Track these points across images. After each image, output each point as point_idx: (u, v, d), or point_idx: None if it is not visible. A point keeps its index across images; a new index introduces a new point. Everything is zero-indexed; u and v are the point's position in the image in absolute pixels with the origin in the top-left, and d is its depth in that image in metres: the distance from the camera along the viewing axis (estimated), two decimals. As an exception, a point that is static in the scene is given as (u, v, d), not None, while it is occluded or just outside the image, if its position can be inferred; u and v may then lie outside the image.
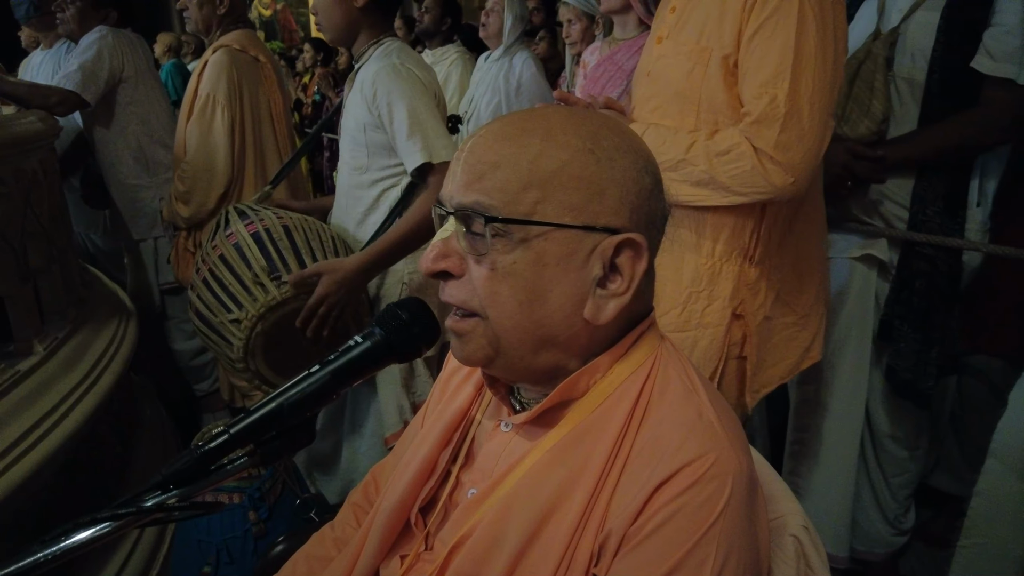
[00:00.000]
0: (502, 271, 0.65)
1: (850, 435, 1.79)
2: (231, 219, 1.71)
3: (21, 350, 1.54)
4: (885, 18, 1.63)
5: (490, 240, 0.64)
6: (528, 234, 0.64)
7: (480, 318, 0.67)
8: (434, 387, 0.92)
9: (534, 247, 0.64)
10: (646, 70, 1.34)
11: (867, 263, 1.71)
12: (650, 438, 0.66)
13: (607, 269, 0.66)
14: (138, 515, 0.54)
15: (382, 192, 1.73)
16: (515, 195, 0.64)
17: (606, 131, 0.68)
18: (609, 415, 0.68)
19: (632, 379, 0.69)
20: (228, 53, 2.18)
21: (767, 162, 1.13)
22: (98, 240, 3.07)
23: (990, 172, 1.61)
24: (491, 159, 0.66)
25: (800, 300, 1.35)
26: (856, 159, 1.54)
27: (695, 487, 0.61)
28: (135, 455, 1.88)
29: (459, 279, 0.68)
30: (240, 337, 1.55)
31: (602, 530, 0.64)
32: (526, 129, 0.67)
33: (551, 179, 0.64)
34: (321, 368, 0.64)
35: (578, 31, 2.75)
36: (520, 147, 0.66)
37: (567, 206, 0.65)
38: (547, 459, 0.69)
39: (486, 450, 0.77)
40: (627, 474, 0.65)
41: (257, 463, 0.61)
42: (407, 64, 1.65)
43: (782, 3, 1.12)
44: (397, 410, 1.78)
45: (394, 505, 0.79)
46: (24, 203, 1.59)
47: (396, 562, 0.79)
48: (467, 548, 0.69)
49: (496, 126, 0.69)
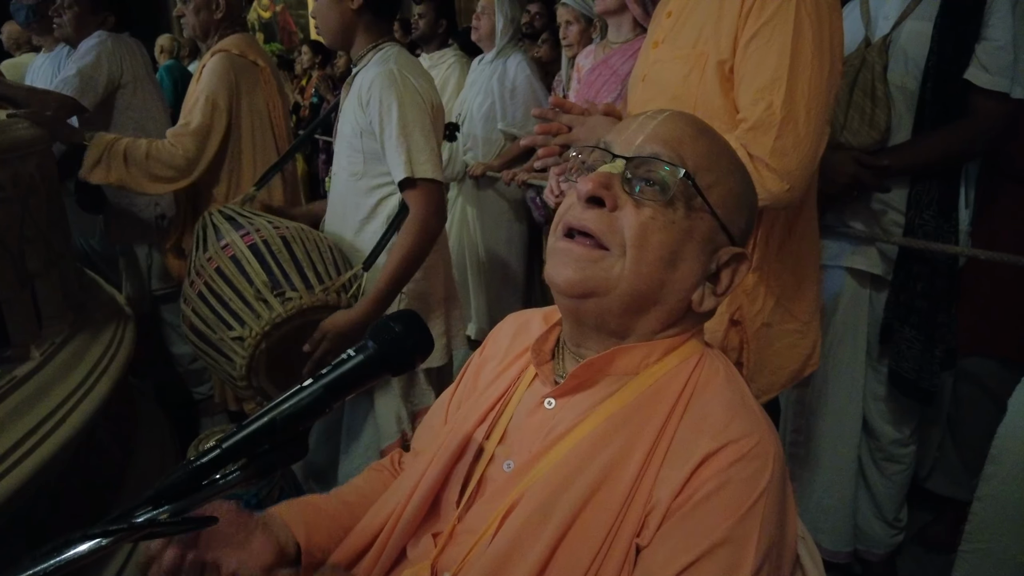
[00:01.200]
0: (662, 222, 0.71)
1: (849, 435, 1.81)
2: (221, 227, 1.66)
3: (18, 355, 1.53)
4: (873, 26, 1.66)
5: (668, 192, 0.71)
6: (694, 205, 0.72)
7: (610, 253, 0.71)
8: (462, 375, 0.95)
9: (692, 219, 0.72)
10: (642, 75, 1.34)
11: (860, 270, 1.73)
12: (697, 416, 0.71)
13: (717, 270, 0.75)
14: (130, 531, 0.54)
15: (380, 200, 1.72)
16: (703, 168, 0.73)
17: (742, 158, 0.84)
18: (660, 395, 0.73)
19: (682, 366, 0.75)
20: (227, 58, 2.18)
21: (763, 169, 1.13)
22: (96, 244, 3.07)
23: (971, 177, 1.70)
24: (692, 132, 0.75)
25: (801, 307, 1.35)
26: (862, 168, 1.58)
27: (740, 463, 0.65)
28: (134, 460, 1.87)
29: (606, 211, 0.72)
30: (243, 355, 1.51)
31: (649, 501, 0.67)
32: (707, 128, 0.79)
33: (725, 174, 0.75)
34: (314, 382, 0.64)
35: (575, 33, 2.75)
36: (709, 138, 0.77)
37: (726, 203, 0.74)
38: (599, 432, 0.72)
39: (527, 426, 0.79)
40: (674, 448, 0.69)
41: (250, 477, 0.60)
42: (405, 72, 1.63)
43: (779, 9, 1.12)
44: (395, 420, 1.76)
45: (429, 487, 0.80)
46: (22, 207, 1.58)
47: (427, 540, 0.79)
48: (514, 518, 0.71)
49: (682, 114, 0.78)
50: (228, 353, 1.55)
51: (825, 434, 1.82)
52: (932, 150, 1.59)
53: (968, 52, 1.53)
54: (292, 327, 1.53)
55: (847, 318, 1.75)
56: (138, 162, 2.07)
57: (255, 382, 1.55)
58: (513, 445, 0.79)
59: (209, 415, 2.83)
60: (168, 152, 2.11)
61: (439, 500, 0.81)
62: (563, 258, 0.73)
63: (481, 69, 3.17)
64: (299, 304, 1.51)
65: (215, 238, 1.65)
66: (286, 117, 2.43)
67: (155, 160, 2.09)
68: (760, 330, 1.31)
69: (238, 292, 1.53)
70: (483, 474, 0.79)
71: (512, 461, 0.77)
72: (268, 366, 1.54)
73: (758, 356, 1.32)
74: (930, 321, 1.66)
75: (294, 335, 1.55)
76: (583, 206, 0.73)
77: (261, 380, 1.55)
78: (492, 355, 0.91)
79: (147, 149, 2.08)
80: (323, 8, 1.68)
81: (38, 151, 1.71)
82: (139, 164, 2.07)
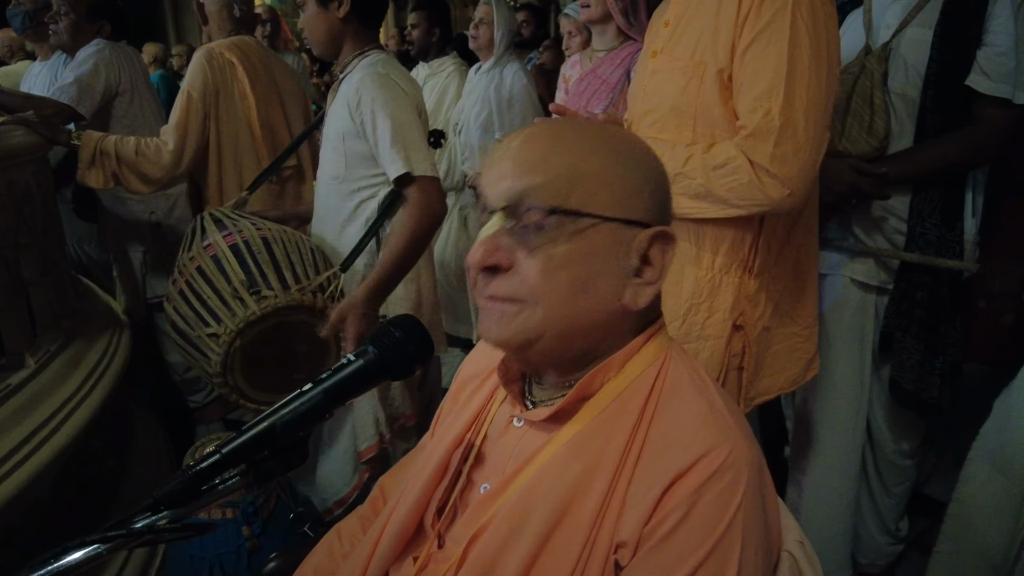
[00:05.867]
0: (557, 261, 0.68)
1: (853, 451, 1.78)
2: (207, 228, 1.69)
3: (12, 363, 1.53)
4: (874, 33, 1.64)
5: (549, 231, 0.68)
6: (580, 226, 0.68)
7: (525, 304, 0.69)
8: (444, 400, 0.94)
9: (586, 238, 0.69)
10: (641, 85, 1.35)
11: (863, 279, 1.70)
12: (665, 429, 0.68)
13: (641, 260, 0.71)
14: (128, 537, 0.53)
15: (360, 203, 1.73)
16: (568, 188, 0.69)
17: (629, 137, 0.78)
18: (623, 409, 0.71)
19: (644, 376, 0.72)
20: (205, 51, 2.20)
21: (763, 175, 1.13)
22: (92, 251, 3.05)
23: (979, 185, 1.65)
24: (540, 155, 0.71)
25: (802, 311, 1.35)
26: (860, 176, 1.56)
27: (713, 478, 0.63)
28: (129, 469, 1.86)
29: (506, 272, 0.70)
30: (218, 352, 1.54)
31: (620, 520, 0.66)
32: (564, 135, 0.74)
33: (596, 176, 0.70)
34: (314, 387, 0.64)
35: (578, 43, 2.75)
36: (566, 147, 0.72)
37: (611, 202, 0.70)
38: (563, 453, 0.71)
39: (498, 446, 0.78)
40: (642, 464, 0.67)
41: (249, 483, 0.60)
42: (391, 75, 1.65)
43: (775, 17, 1.13)
44: (373, 423, 1.77)
45: (409, 509, 0.80)
46: (17, 215, 1.58)
47: (408, 564, 0.79)
48: (483, 541, 0.70)
49: (536, 130, 0.74)
50: (205, 350, 1.57)
51: (829, 448, 1.78)
52: (932, 158, 1.56)
53: (969, 58, 1.50)
54: (268, 326, 1.56)
55: (853, 326, 1.72)
56: (128, 160, 2.06)
57: (230, 379, 1.57)
58: (489, 467, 0.79)
59: (204, 423, 2.81)
60: (155, 148, 2.10)
61: (422, 523, 0.81)
62: (486, 318, 0.72)
63: (478, 79, 3.18)
64: (274, 303, 1.53)
65: (200, 239, 1.67)
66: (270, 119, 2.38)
67: (143, 157, 2.07)
68: (761, 334, 1.31)
69: (216, 290, 1.56)
70: (463, 498, 0.79)
71: (488, 484, 0.77)
72: (243, 364, 1.57)
73: (757, 359, 1.32)
74: (932, 332, 1.61)
75: (271, 334, 1.57)
76: (477, 277, 0.71)
77: (236, 378, 1.58)
78: (468, 377, 0.91)
79: (136, 146, 2.07)
80: (310, 19, 1.70)
81: (33, 159, 1.71)
82: (129, 162, 2.06)
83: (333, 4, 1.66)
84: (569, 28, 2.78)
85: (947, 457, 2.07)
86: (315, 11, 1.68)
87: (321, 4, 1.67)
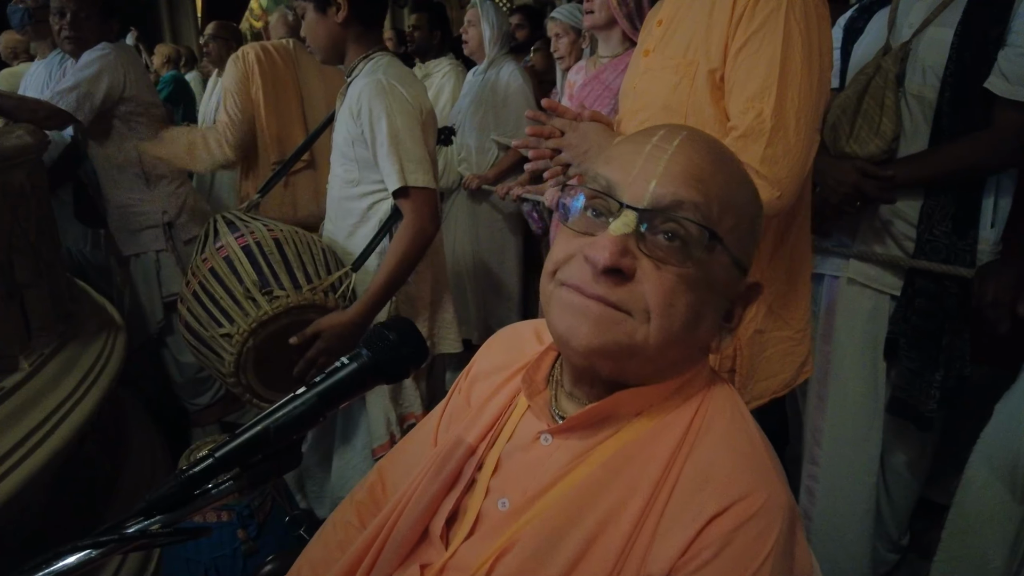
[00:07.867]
0: (688, 283, 0.64)
1: (869, 459, 1.72)
2: (220, 230, 1.71)
3: (6, 366, 1.52)
4: (895, 32, 1.58)
5: (687, 249, 0.63)
6: (714, 256, 0.65)
7: (631, 318, 0.64)
8: (454, 390, 0.90)
9: (712, 270, 0.65)
10: (632, 84, 1.35)
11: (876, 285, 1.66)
12: (702, 464, 0.66)
13: (733, 306, 0.71)
14: (120, 542, 0.53)
15: (372, 205, 1.75)
16: (720, 214, 0.65)
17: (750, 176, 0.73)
18: (660, 438, 0.68)
19: (685, 407, 0.70)
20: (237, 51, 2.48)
21: (753, 176, 1.12)
22: (88, 254, 3.04)
23: (1004, 191, 1.56)
24: (703, 171, 0.65)
25: (795, 314, 1.35)
26: (865, 178, 1.52)
27: (749, 523, 0.62)
28: (124, 472, 1.85)
29: (627, 279, 0.64)
30: (231, 352, 1.55)
31: (649, 552, 0.64)
32: (723, 155, 0.69)
33: (739, 210, 0.67)
34: (308, 390, 0.63)
35: (565, 45, 2.76)
36: (725, 170, 0.68)
37: (739, 241, 0.67)
38: (597, 476, 0.68)
39: (521, 462, 0.75)
40: (676, 498, 0.65)
41: (243, 487, 0.60)
42: (393, 80, 1.65)
43: (768, 18, 1.13)
44: (385, 422, 1.79)
45: (418, 516, 0.77)
46: (11, 218, 1.57)
47: (415, 571, 0.76)
48: (509, 560, 0.68)
49: (693, 139, 0.68)
50: (218, 350, 1.59)
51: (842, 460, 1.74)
52: (944, 162, 1.49)
53: (990, 59, 1.42)
54: (280, 326, 1.57)
55: (867, 331, 1.67)
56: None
57: (243, 379, 1.59)
58: (507, 480, 0.75)
59: (201, 426, 2.80)
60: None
61: (428, 530, 0.78)
62: (576, 316, 0.65)
63: (475, 80, 3.19)
64: (286, 303, 1.55)
65: (212, 241, 1.69)
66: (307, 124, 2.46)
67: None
68: (753, 337, 1.30)
69: (228, 291, 1.57)
70: (478, 509, 0.75)
71: (507, 499, 0.74)
72: (256, 363, 1.58)
73: (751, 363, 1.32)
74: (933, 342, 1.55)
75: (283, 334, 1.59)
76: (596, 275, 0.64)
77: (249, 377, 1.59)
78: (483, 372, 0.87)
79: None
80: (311, 25, 1.71)
81: (28, 160, 1.70)
82: None
83: (331, 9, 1.66)
84: (556, 30, 2.79)
85: (947, 460, 2.07)
86: (314, 18, 1.69)
87: (320, 10, 1.67)
